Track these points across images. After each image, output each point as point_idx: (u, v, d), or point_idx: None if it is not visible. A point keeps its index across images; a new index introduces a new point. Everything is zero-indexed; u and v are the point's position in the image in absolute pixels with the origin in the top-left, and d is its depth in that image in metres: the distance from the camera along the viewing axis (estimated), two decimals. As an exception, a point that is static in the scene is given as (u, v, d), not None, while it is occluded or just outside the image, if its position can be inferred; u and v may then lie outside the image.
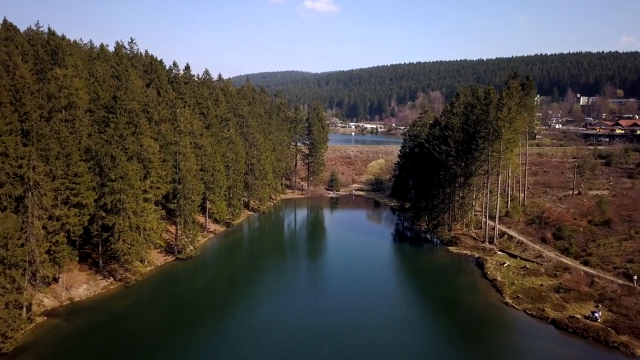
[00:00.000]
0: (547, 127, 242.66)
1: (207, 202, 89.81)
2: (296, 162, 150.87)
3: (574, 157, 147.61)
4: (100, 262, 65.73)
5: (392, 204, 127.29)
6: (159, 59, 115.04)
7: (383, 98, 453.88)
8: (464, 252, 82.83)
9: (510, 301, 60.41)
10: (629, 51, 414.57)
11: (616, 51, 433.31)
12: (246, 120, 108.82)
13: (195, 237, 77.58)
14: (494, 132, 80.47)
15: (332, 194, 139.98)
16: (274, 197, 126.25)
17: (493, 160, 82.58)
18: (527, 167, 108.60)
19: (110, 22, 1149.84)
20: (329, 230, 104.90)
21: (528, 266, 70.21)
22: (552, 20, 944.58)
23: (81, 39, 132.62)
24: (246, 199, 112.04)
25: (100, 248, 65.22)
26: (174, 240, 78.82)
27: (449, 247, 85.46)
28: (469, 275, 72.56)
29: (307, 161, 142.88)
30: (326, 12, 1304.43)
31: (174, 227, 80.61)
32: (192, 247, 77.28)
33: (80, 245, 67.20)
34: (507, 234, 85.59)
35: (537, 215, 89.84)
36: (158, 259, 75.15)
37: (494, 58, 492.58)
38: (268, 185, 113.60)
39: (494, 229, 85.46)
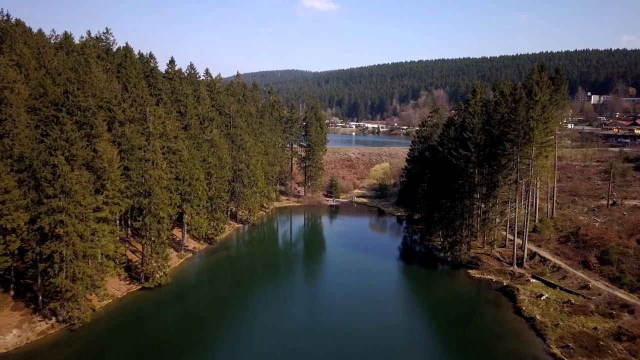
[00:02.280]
0: (558, 127, 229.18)
1: (185, 216, 76.58)
2: (292, 166, 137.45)
3: (598, 161, 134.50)
4: (40, 298, 52.41)
5: (399, 214, 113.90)
6: (140, 52, 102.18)
7: (384, 97, 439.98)
8: (488, 277, 69.50)
9: (558, 352, 47.03)
10: (636, 48, 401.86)
11: (624, 49, 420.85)
12: (233, 120, 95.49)
13: (166, 261, 64.24)
14: (524, 134, 67.17)
15: (331, 201, 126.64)
16: (267, 206, 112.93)
17: (522, 168, 69.28)
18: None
19: (110, 22, 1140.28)
20: (328, 247, 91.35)
21: (573, 300, 56.80)
22: (553, 18, 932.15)
23: (53, 30, 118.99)
24: (234, 209, 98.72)
25: (39, 281, 51.95)
26: (141, 263, 65.53)
27: (469, 271, 72.13)
28: (499, 310, 59.15)
29: (304, 165, 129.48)
30: (326, 11, 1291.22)
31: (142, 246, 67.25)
32: (161, 273, 64.00)
33: (18, 276, 54.03)
34: (538, 255, 72.18)
35: (571, 232, 76.42)
36: (119, 288, 61.84)
37: (497, 56, 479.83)
38: (259, 194, 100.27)
39: (522, 248, 72.15)
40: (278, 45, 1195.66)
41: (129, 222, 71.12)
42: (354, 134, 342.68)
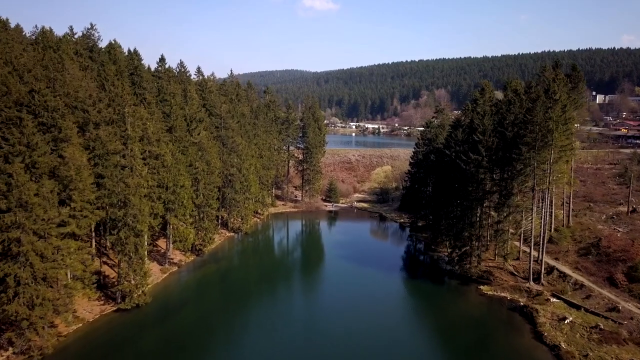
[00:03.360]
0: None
1: (169, 226, 70.11)
2: (288, 169, 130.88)
3: (610, 163, 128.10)
4: (-5, 326, 45.96)
5: (402, 220, 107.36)
6: (131, 50, 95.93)
7: (385, 97, 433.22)
8: (502, 294, 62.97)
9: (590, 391, 40.63)
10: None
11: (628, 47, 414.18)
12: (224, 121, 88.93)
13: (145, 279, 57.72)
14: (542, 137, 60.66)
15: (330, 207, 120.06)
16: (261, 212, 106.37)
17: (540, 174, 62.76)
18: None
19: (110, 22, 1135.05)
20: (326, 259, 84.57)
21: (602, 325, 50.25)
22: (553, 18, 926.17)
23: (36, 26, 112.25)
24: (225, 217, 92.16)
25: (-6, 306, 45.43)
26: (118, 281, 58.97)
27: (481, 287, 65.62)
28: (516, 335, 52.56)
29: (301, 168, 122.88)
30: (326, 11, 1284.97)
31: (118, 262, 60.68)
32: (140, 292, 57.50)
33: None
34: (556, 269, 65.63)
35: (591, 243, 69.91)
36: (91, 310, 55.34)
37: (499, 55, 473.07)
38: (252, 200, 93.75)
39: (537, 260, 65.65)
40: (278, 45, 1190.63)
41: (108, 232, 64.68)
42: (353, 134, 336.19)
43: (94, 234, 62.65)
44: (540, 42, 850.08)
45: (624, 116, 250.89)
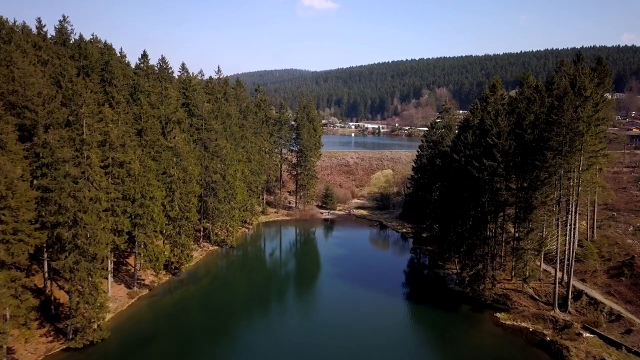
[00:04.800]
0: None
1: (137, 244, 61.02)
2: (281, 174, 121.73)
3: (628, 166, 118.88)
4: None
5: (404, 230, 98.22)
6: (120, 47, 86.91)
7: (385, 96, 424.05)
8: (523, 324, 53.87)
9: None
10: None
11: (633, 45, 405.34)
12: (206, 122, 79.81)
13: (101, 311, 48.59)
14: (570, 140, 51.58)
15: (326, 214, 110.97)
16: (250, 222, 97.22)
17: (567, 184, 53.66)
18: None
19: (110, 22, 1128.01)
20: (322, 277, 74.87)
21: (651, 372, 41.24)
22: (553, 18, 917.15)
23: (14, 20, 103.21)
24: (208, 228, 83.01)
25: None
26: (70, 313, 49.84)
27: (497, 314, 56.54)
28: (545, 380, 43.58)
29: (295, 172, 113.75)
30: (325, 10, 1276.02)
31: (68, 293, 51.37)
32: (95, 327, 48.43)
33: None
34: (585, 294, 56.50)
35: (623, 262, 60.84)
36: (35, 350, 46.25)
37: (501, 53, 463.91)
38: (238, 209, 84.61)
39: (563, 282, 56.60)
40: (277, 45, 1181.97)
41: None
42: (353, 134, 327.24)
43: (45, 251, 53.53)
44: (541, 42, 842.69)
45: (632, 115, 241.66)
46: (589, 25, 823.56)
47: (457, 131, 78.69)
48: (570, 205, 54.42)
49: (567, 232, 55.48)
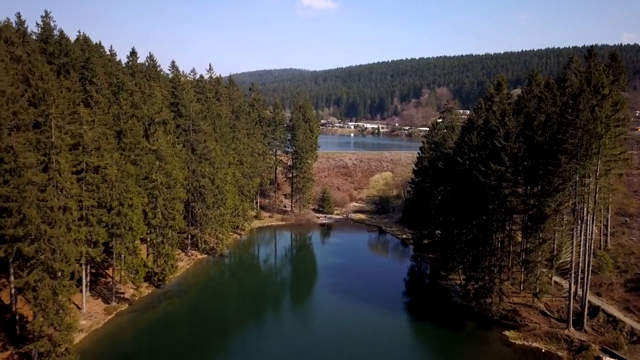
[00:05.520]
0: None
1: (114, 255, 56.34)
2: (276, 176, 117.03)
3: (638, 168, 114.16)
4: None
5: (404, 236, 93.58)
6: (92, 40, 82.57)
7: (385, 95, 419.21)
8: (535, 344, 49.24)
9: None
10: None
11: (635, 44, 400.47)
12: (194, 122, 75.14)
13: (68, 334, 43.85)
14: (587, 143, 46.93)
15: (322, 219, 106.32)
16: (242, 227, 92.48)
17: (581, 190, 48.97)
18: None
19: (110, 22, 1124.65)
20: (316, 290, 69.65)
21: (683, 406, 36.57)
22: (553, 18, 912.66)
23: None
24: (196, 235, 78.28)
25: None
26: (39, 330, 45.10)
27: (506, 332, 51.89)
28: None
29: (290, 175, 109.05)
30: (324, 9, 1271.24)
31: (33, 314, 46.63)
32: (63, 350, 43.73)
33: None
34: (602, 310, 51.83)
35: (642, 274, 56.22)
36: (-6, 377, 41.68)
37: (502, 52, 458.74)
38: (228, 214, 79.93)
39: (576, 296, 51.93)
40: (277, 45, 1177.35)
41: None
42: (352, 135, 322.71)
43: (10, 265, 48.81)
44: (541, 41, 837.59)
45: (637, 115, 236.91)
46: (589, 25, 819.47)
47: (460, 132, 73.99)
48: (586, 214, 49.75)
49: (582, 243, 50.81)
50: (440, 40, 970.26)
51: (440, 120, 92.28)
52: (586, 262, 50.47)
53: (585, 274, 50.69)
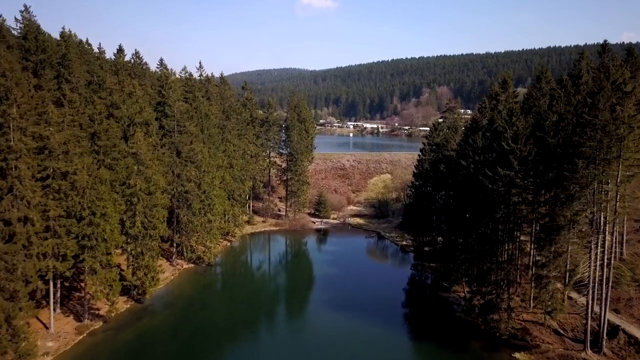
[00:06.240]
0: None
1: (86, 270, 51.47)
2: (269, 179, 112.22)
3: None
4: None
5: (404, 242, 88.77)
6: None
7: (384, 95, 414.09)
8: (548, 368, 44.50)
9: None
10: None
11: (638, 42, 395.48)
12: (179, 123, 70.35)
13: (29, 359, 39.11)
14: (607, 146, 42.12)
15: (318, 223, 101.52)
16: (233, 234, 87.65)
17: (599, 198, 44.15)
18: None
19: (110, 22, 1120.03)
20: (311, 305, 64.45)
21: None
22: (553, 18, 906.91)
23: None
24: (182, 243, 73.50)
25: None
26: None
27: (516, 354, 47.02)
28: None
29: (285, 178, 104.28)
30: (324, 9, 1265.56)
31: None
32: (21, 380, 38.95)
33: None
34: (622, 330, 47.03)
35: (664, 289, 51.41)
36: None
37: (502, 51, 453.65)
38: (216, 221, 75.10)
39: (593, 314, 47.12)
40: (277, 45, 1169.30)
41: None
42: (351, 135, 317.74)
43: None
44: (541, 41, 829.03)
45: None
46: (589, 25, 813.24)
47: (463, 133, 69.26)
48: (605, 225, 44.95)
49: (600, 257, 46.01)
50: (440, 40, 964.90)
51: (441, 120, 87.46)
52: (604, 278, 45.65)
53: (604, 291, 45.87)
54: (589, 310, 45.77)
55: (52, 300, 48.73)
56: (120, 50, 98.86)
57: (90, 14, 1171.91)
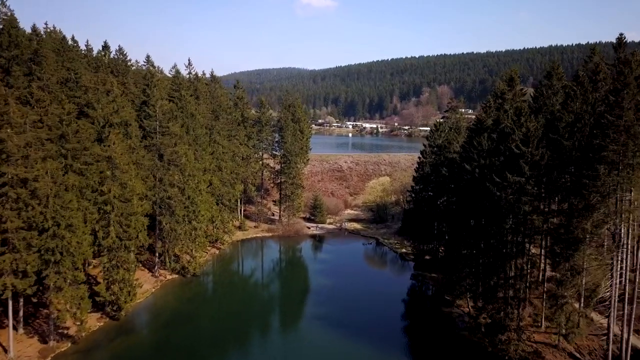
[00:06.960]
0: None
1: (50, 287, 46.55)
2: (262, 182, 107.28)
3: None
4: None
5: (403, 250, 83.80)
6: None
7: (384, 94, 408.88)
8: (565, 400, 39.55)
9: None
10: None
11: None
12: (161, 124, 65.45)
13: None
14: (633, 151, 37.21)
15: (314, 229, 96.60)
16: (222, 241, 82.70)
17: (623, 209, 39.23)
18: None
19: (110, 22, 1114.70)
20: (303, 319, 59.59)
21: None
22: (553, 18, 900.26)
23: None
24: (165, 253, 68.63)
25: None
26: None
27: (528, 382, 42.24)
28: None
29: (278, 181, 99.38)
30: (323, 8, 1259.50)
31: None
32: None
33: None
34: (647, 355, 42.19)
35: (690, 307, 46.38)
36: None
37: (503, 50, 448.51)
38: (202, 228, 70.16)
39: (613, 336, 42.24)
40: (276, 44, 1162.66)
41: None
42: (350, 135, 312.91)
43: None
44: (541, 40, 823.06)
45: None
46: (589, 24, 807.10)
47: (467, 134, 64.34)
48: (628, 238, 40.06)
49: (622, 273, 41.16)
50: (440, 40, 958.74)
51: (443, 120, 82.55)
52: (627, 298, 40.76)
53: (626, 310, 41.02)
54: (610, 334, 40.88)
55: (10, 321, 43.87)
56: (105, 47, 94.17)
57: (90, 14, 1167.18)
